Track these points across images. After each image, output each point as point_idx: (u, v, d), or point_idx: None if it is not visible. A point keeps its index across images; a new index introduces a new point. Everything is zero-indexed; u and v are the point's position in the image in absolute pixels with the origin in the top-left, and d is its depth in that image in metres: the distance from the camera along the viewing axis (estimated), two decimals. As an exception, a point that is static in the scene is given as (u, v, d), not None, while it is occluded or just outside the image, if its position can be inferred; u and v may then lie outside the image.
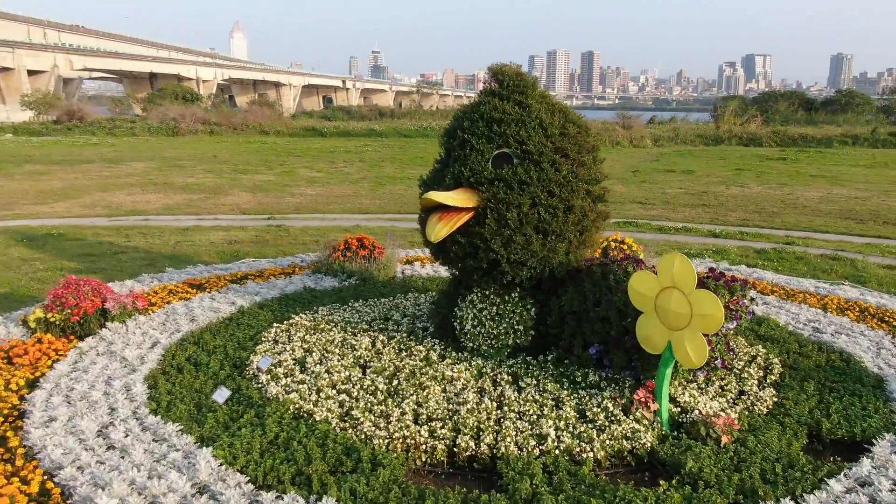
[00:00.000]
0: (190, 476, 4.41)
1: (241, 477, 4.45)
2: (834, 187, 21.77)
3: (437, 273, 9.72)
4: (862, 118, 57.97)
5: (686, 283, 4.95)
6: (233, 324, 7.46)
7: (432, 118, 54.04)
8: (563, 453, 4.81)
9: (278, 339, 6.93)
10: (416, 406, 5.40)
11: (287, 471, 4.51)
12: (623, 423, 5.07)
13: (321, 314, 7.62)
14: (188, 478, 4.39)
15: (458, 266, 6.33)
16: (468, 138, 6.12)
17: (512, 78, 6.31)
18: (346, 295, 8.53)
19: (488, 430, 5.01)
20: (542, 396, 5.52)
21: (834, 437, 5.23)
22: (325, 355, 6.44)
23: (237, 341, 6.92)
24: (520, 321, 6.27)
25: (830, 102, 68.11)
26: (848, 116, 57.45)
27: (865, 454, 4.85)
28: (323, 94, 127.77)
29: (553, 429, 5.02)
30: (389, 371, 6.05)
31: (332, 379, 5.83)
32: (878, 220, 16.16)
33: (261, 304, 8.17)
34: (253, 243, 12.65)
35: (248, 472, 4.54)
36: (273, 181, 22.04)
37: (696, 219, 16.22)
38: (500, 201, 5.84)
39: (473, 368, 6.13)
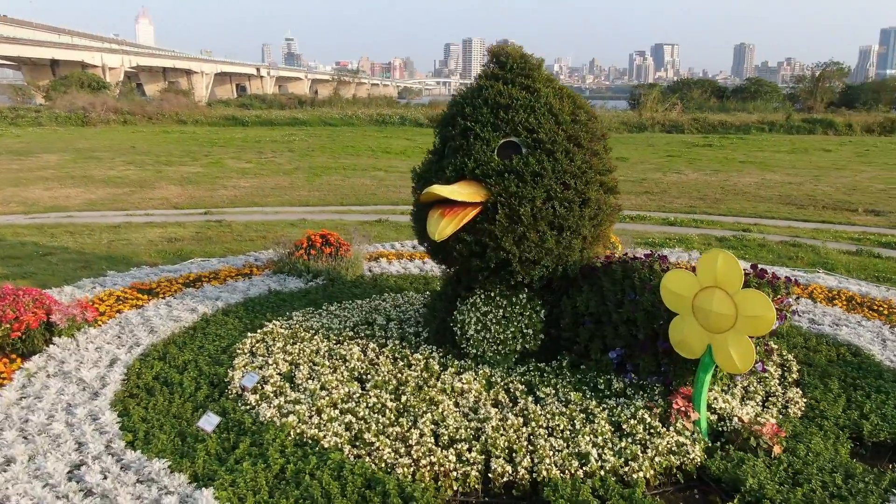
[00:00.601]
0: (195, 526, 3.74)
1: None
2: (765, 173, 22.15)
3: (406, 270, 9.14)
4: (770, 105, 59.97)
5: (731, 281, 4.56)
6: (199, 334, 6.70)
7: (355, 106, 52.92)
8: (609, 474, 4.35)
9: (256, 350, 6.23)
10: (434, 425, 4.85)
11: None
12: (666, 437, 4.65)
13: (296, 320, 6.94)
14: (193, 529, 3.72)
15: (461, 266, 5.77)
16: (471, 126, 5.57)
17: (516, 60, 5.79)
18: (316, 297, 7.87)
19: (522, 451, 4.50)
20: (569, 408, 5.04)
21: (876, 439, 4.96)
22: (315, 369, 5.80)
23: (209, 355, 6.18)
24: (529, 324, 5.78)
25: (741, 90, 70.23)
26: (758, 104, 59.29)
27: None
28: (236, 82, 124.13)
29: (592, 446, 4.56)
30: (392, 385, 5.46)
31: (332, 397, 5.20)
32: (817, 205, 16.41)
33: (225, 309, 7.41)
34: (195, 241, 11.74)
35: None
36: (201, 173, 20.87)
37: (644, 206, 16.11)
38: (511, 195, 5.32)
39: (481, 378, 5.62)
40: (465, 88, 6.02)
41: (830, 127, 40.02)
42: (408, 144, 30.58)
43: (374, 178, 20.40)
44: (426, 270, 9.10)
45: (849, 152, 29.41)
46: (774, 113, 49.74)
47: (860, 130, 39.66)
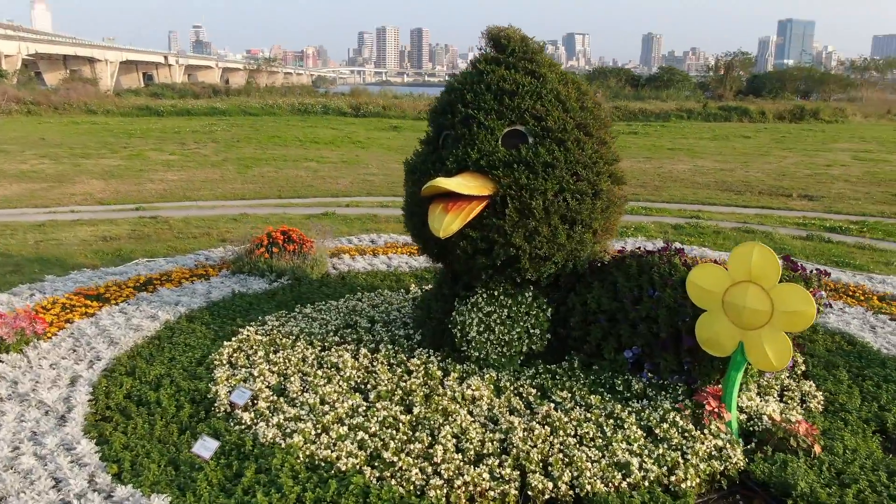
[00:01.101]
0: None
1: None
2: (695, 160, 22.53)
3: (373, 267, 8.68)
4: (682, 93, 61.56)
5: (767, 276, 4.34)
6: (165, 344, 6.10)
7: (274, 96, 51.41)
8: (654, 484, 4.08)
9: (235, 361, 5.70)
10: (454, 439, 4.47)
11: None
12: (704, 441, 4.40)
13: (272, 325, 6.41)
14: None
15: (462, 265, 5.38)
16: (474, 114, 5.19)
17: (517, 43, 5.43)
18: (285, 299, 7.34)
19: (559, 464, 4.17)
20: (594, 413, 4.75)
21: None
22: (307, 380, 5.32)
23: (183, 368, 5.61)
24: (535, 324, 5.46)
25: (654, 79, 71.83)
26: (671, 92, 60.76)
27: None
28: (143, 70, 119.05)
29: (629, 454, 4.27)
30: (397, 395, 5.05)
31: (337, 412, 4.74)
32: (752, 191, 16.73)
33: (189, 315, 6.81)
34: (133, 239, 10.92)
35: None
36: (123, 166, 19.69)
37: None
38: (522, 188, 4.97)
39: (487, 382, 5.27)
40: (459, 73, 5.62)
41: (745, 114, 41.29)
42: (335, 134, 29.84)
43: (307, 169, 19.71)
44: (394, 267, 8.67)
45: (767, 138, 30.34)
46: (687, 101, 51.06)
47: (772, 117, 41.05)
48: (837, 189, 16.87)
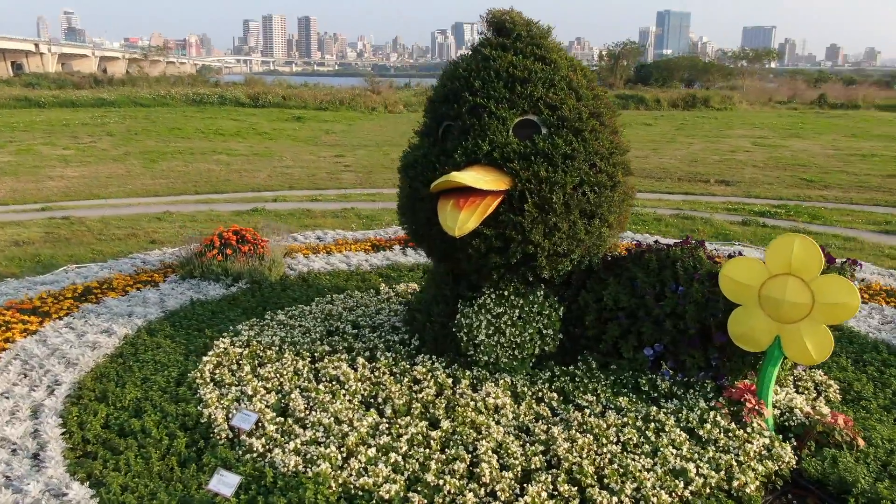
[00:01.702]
0: None
1: None
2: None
3: (333, 266, 8.17)
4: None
5: (809, 268, 4.23)
6: (132, 362, 5.46)
7: (165, 86, 48.97)
8: (716, 490, 3.89)
9: (220, 378, 5.14)
10: (494, 454, 4.13)
11: None
12: (753, 440, 4.25)
13: (247, 336, 5.86)
14: None
15: (472, 265, 5.02)
16: (484, 103, 4.84)
17: (523, 27, 5.12)
18: (250, 305, 6.78)
19: (615, 476, 3.91)
20: (629, 417, 4.52)
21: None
22: (310, 396, 4.85)
23: (161, 389, 5.02)
24: (548, 324, 5.19)
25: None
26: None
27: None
28: (11, 59, 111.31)
29: (681, 460, 4.06)
30: (418, 408, 4.66)
31: (360, 432, 4.31)
32: (672, 177, 17.09)
33: (148, 328, 6.16)
34: (49, 243, 9.94)
35: None
36: (14, 162, 18.10)
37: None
38: (542, 181, 4.67)
39: (503, 388, 4.96)
40: (460, 59, 5.25)
41: (641, 102, 42.55)
42: (237, 125, 28.64)
43: (218, 162, 18.75)
44: (355, 266, 8.19)
45: (668, 126, 31.26)
46: None
47: (667, 105, 42.48)
48: (750, 174, 17.44)
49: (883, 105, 44.00)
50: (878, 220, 12.02)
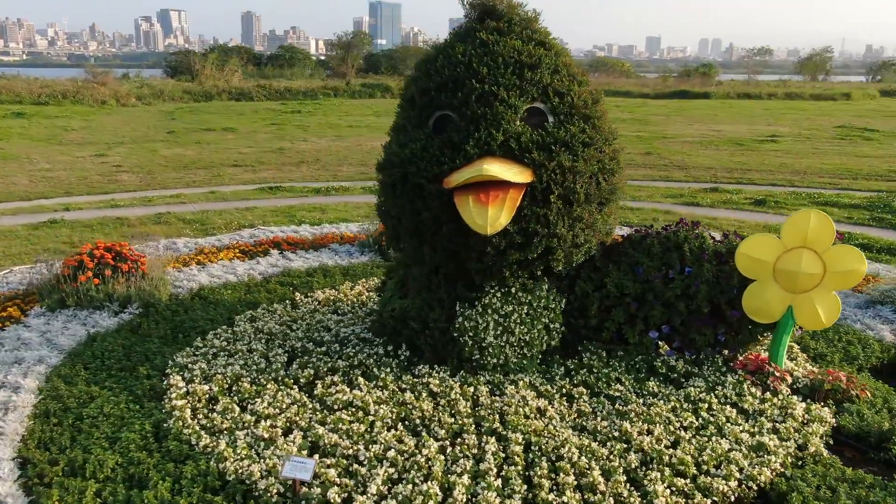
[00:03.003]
0: None
1: None
2: (380, 137, 22.70)
3: (221, 278, 7.22)
4: (304, 71, 62.40)
5: (822, 240, 4.57)
6: (73, 420, 4.39)
7: None
8: (798, 460, 4.06)
9: (210, 424, 4.30)
10: (590, 459, 3.92)
11: None
12: (793, 406, 4.49)
13: (201, 371, 4.97)
14: None
15: (488, 262, 4.69)
16: (494, 91, 4.54)
17: (515, 10, 4.89)
18: (161, 333, 5.79)
19: (712, 462, 3.91)
20: (674, 401, 4.55)
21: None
22: (339, 429, 4.23)
23: (143, 448, 4.07)
24: (553, 318, 5.05)
25: (276, 57, 71.48)
26: (295, 70, 61.15)
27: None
28: None
29: (754, 436, 4.18)
30: (468, 427, 4.27)
31: (434, 469, 3.84)
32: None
33: (59, 375, 4.98)
34: None
35: None
36: None
37: (319, 177, 15.37)
38: (566, 171, 4.50)
39: (524, 389, 4.75)
40: (449, 46, 4.85)
41: (387, 91, 43.26)
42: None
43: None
44: (243, 276, 7.32)
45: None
46: (311, 79, 52.12)
47: (411, 94, 43.59)
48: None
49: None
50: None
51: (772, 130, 25.03)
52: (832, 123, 27.77)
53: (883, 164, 17.14)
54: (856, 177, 15.57)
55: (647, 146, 20.13)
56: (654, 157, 18.28)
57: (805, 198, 12.95)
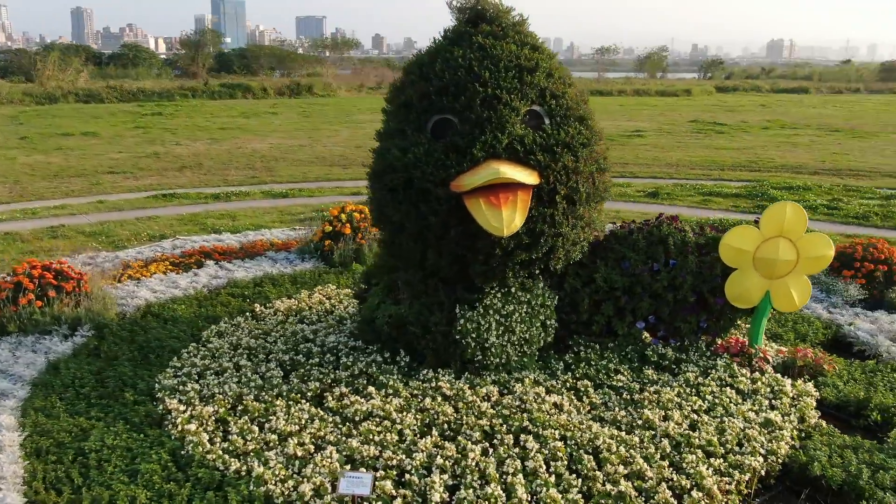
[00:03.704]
0: None
1: None
2: (266, 138, 22.29)
3: (165, 294, 6.80)
4: (150, 71, 59.61)
5: (796, 229, 4.97)
6: (75, 456, 4.05)
7: None
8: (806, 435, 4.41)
9: (232, 448, 4.09)
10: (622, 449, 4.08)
11: None
12: (783, 384, 4.86)
13: (192, 394, 4.71)
14: None
15: (494, 262, 4.74)
16: (498, 94, 4.60)
17: (505, 15, 4.97)
18: (128, 355, 5.41)
19: (734, 441, 4.18)
20: (679, 387, 4.81)
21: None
22: (372, 439, 4.15)
23: (169, 479, 3.83)
24: (549, 315, 5.19)
25: (119, 57, 67.66)
26: (140, 70, 58.23)
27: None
28: None
29: (755, 413, 4.51)
30: (496, 426, 4.31)
31: (488, 463, 3.86)
32: (351, 163, 17.51)
33: (35, 409, 4.56)
34: None
35: None
36: None
37: (207, 182, 14.80)
38: (571, 171, 4.64)
39: (530, 386, 4.85)
40: (445, 49, 4.84)
41: (248, 91, 42.06)
42: None
43: None
44: (188, 289, 6.95)
45: (294, 114, 31.46)
46: (160, 79, 50.01)
47: (273, 93, 42.62)
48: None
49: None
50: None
51: (634, 126, 26.50)
52: (685, 118, 29.78)
53: (742, 156, 18.62)
54: (723, 168, 16.82)
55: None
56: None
57: (690, 189, 13.88)
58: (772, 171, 16.45)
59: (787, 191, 13.62)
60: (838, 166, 17.12)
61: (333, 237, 7.93)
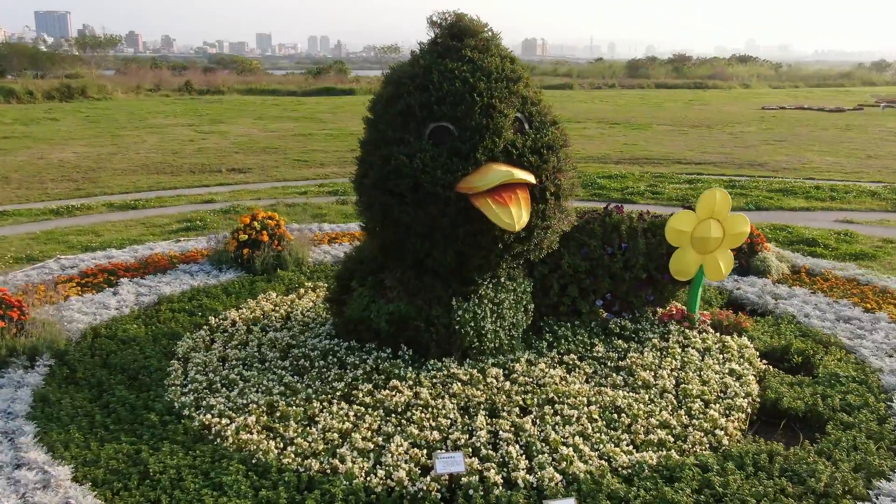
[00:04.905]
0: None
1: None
2: (66, 146, 20.63)
3: (103, 314, 6.46)
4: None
5: (723, 211, 5.95)
6: (134, 480, 3.97)
7: None
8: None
9: (300, 451, 4.23)
10: (645, 412, 4.76)
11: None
12: (730, 342, 5.80)
13: (221, 404, 4.72)
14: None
15: (496, 255, 5.21)
16: (493, 103, 5.08)
17: (482, 30, 5.43)
18: (115, 379, 5.20)
19: (716, 390, 5.04)
20: (652, 354, 5.58)
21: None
22: (429, 425, 4.48)
23: (271, 489, 3.92)
24: (529, 300, 5.75)
25: None
26: None
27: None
28: None
29: (721, 366, 5.40)
30: (532, 402, 4.81)
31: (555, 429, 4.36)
32: (181, 170, 16.90)
33: (61, 441, 4.32)
34: None
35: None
36: None
37: (50, 195, 13.71)
38: (557, 170, 5.25)
39: (524, 365, 5.41)
40: (441, 61, 5.19)
41: (12, 94, 38.15)
42: None
43: None
44: (121, 307, 6.64)
45: (78, 120, 29.16)
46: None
47: (42, 97, 39.02)
48: (247, 160, 18.26)
49: (244, 90, 48.66)
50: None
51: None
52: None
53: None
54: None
55: (344, 144, 21.09)
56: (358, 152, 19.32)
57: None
58: (580, 161, 18.17)
59: (610, 179, 15.21)
60: (635, 155, 19.27)
61: (251, 245, 7.90)
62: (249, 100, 42.41)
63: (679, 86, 59.58)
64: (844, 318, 6.56)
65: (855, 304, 6.90)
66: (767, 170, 17.07)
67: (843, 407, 4.89)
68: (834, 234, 10.19)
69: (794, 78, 69.28)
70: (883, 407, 4.87)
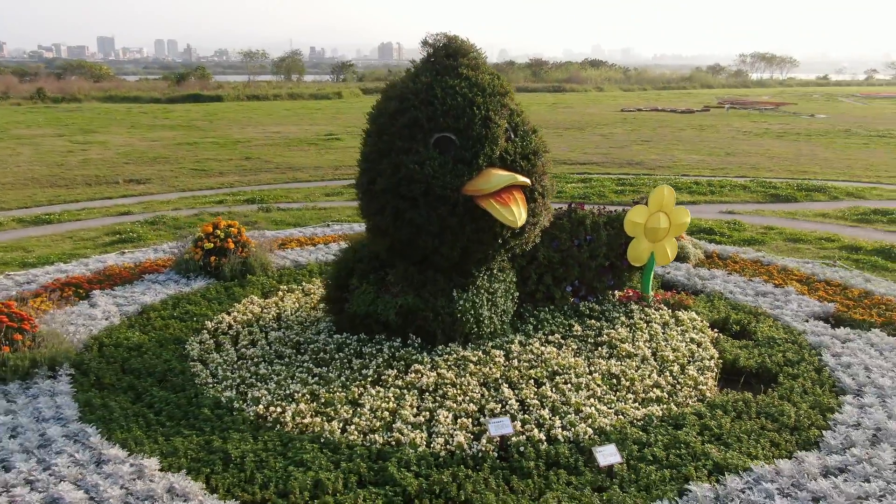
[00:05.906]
0: None
1: None
2: None
3: (91, 325, 6.59)
4: None
5: (670, 204, 6.92)
6: (224, 463, 4.37)
7: None
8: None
9: (360, 430, 4.73)
10: (637, 370, 5.59)
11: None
12: (683, 316, 6.75)
13: (265, 395, 5.14)
14: None
15: (496, 249, 5.88)
16: (490, 116, 5.76)
17: (470, 49, 6.08)
18: (146, 382, 5.46)
19: (688, 353, 5.96)
20: (624, 329, 6.44)
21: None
22: (463, 399, 5.09)
23: (349, 460, 4.41)
24: (514, 288, 6.47)
25: None
26: None
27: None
28: None
29: (682, 335, 6.34)
30: (542, 375, 5.52)
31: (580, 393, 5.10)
32: (75, 183, 16.46)
33: (133, 439, 4.60)
34: None
35: None
36: None
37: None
38: (543, 173, 6.00)
39: (518, 345, 6.13)
40: (444, 79, 5.79)
41: None
42: None
43: None
44: (110, 317, 6.77)
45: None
46: None
47: None
48: (141, 171, 17.94)
49: (103, 97, 46.49)
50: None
51: (328, 129, 28.02)
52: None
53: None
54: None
55: (235, 152, 21.06)
56: (254, 161, 19.50)
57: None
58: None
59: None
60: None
61: (218, 253, 8.15)
62: (112, 108, 40.62)
63: (539, 89, 62.43)
64: (761, 293, 7.73)
65: (765, 282, 8.10)
66: (645, 168, 18.74)
67: (786, 362, 5.93)
68: (725, 224, 11.60)
69: (641, 81, 74.39)
70: (816, 360, 5.95)
